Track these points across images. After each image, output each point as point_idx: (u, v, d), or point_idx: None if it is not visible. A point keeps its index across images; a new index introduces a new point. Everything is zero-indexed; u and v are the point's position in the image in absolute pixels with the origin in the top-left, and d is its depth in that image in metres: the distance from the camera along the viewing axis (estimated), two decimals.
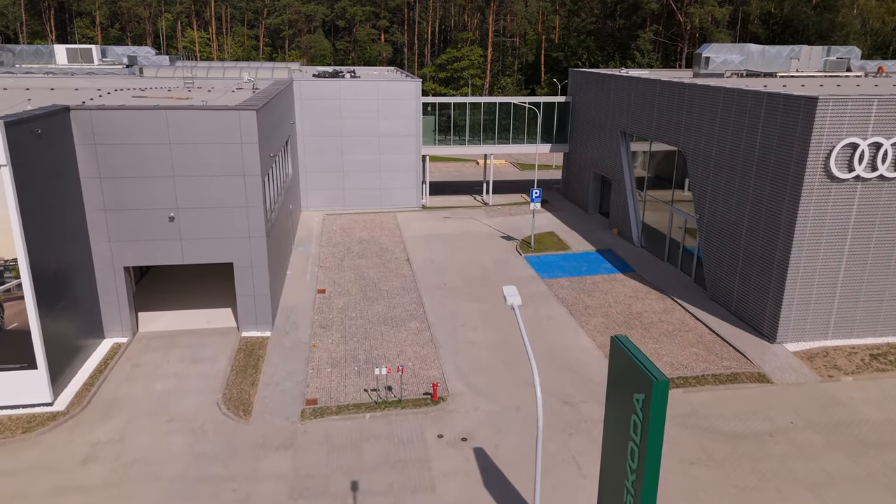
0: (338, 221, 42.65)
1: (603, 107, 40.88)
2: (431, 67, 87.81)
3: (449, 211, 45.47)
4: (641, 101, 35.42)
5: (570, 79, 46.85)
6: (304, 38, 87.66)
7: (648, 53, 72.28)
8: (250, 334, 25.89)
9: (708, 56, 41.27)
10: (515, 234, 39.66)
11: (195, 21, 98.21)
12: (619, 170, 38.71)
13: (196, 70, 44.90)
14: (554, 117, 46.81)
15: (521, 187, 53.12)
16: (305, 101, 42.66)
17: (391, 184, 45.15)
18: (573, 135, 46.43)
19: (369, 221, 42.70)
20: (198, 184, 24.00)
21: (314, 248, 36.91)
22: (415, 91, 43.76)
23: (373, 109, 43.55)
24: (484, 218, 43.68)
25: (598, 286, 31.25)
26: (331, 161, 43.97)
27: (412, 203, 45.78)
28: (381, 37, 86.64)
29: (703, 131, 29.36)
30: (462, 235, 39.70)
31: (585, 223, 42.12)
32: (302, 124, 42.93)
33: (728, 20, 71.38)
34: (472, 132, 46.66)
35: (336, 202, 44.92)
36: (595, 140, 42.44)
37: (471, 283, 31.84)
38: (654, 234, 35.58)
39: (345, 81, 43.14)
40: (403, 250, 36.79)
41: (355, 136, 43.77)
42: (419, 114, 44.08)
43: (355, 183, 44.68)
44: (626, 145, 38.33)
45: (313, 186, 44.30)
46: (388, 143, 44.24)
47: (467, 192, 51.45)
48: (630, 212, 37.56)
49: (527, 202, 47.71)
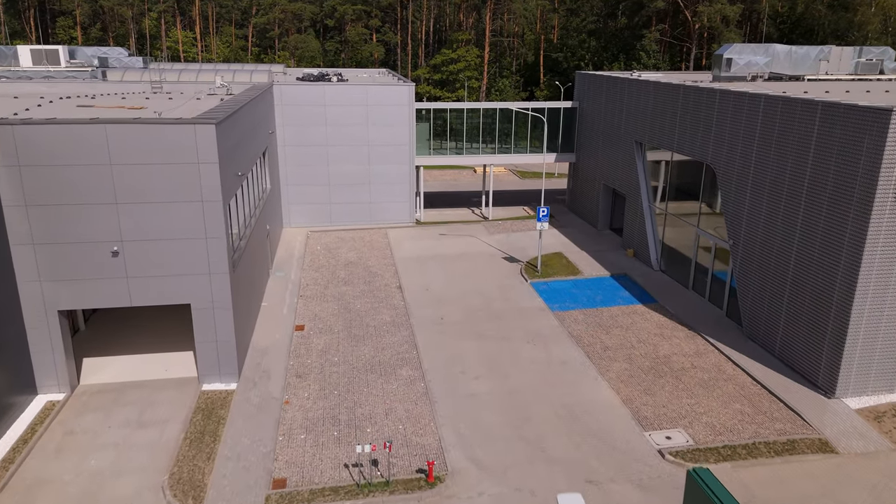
0: (323, 240, 38.70)
1: (615, 113, 37.07)
2: (426, 69, 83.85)
3: (445, 227, 41.58)
4: (661, 108, 31.60)
5: (577, 82, 43.04)
6: (291, 38, 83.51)
7: (654, 54, 68.54)
8: (212, 387, 21.92)
9: (730, 57, 37.51)
10: (519, 255, 35.79)
11: (179, 20, 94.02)
12: (634, 184, 34.89)
13: (168, 73, 40.95)
14: (559, 124, 42.98)
15: (523, 198, 49.28)
16: (287, 108, 38.71)
17: (382, 197, 41.24)
18: (580, 143, 42.62)
19: (358, 240, 38.78)
20: (146, 212, 20.04)
21: (295, 273, 32.96)
22: (407, 96, 39.88)
23: (361, 116, 39.65)
24: (484, 235, 39.81)
25: (616, 320, 27.39)
26: (315, 173, 40.04)
27: (405, 218, 41.89)
28: (372, 37, 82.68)
29: (737, 144, 25.55)
30: (460, 256, 35.81)
31: (595, 242, 38.28)
32: (283, 133, 38.98)
33: (738, 19, 67.73)
34: (471, 141, 42.81)
35: (321, 217, 40.97)
36: (605, 150, 38.63)
37: (471, 316, 27.95)
38: (675, 256, 31.75)
39: (330, 85, 39.22)
40: (395, 275, 32.88)
41: (342, 145, 39.85)
42: (412, 121, 40.20)
43: (342, 196, 40.76)
44: (642, 157, 34.51)
45: (296, 201, 40.34)
46: (378, 153, 40.35)
47: (465, 205, 47.57)
48: (647, 231, 33.71)
49: (530, 216, 43.88)
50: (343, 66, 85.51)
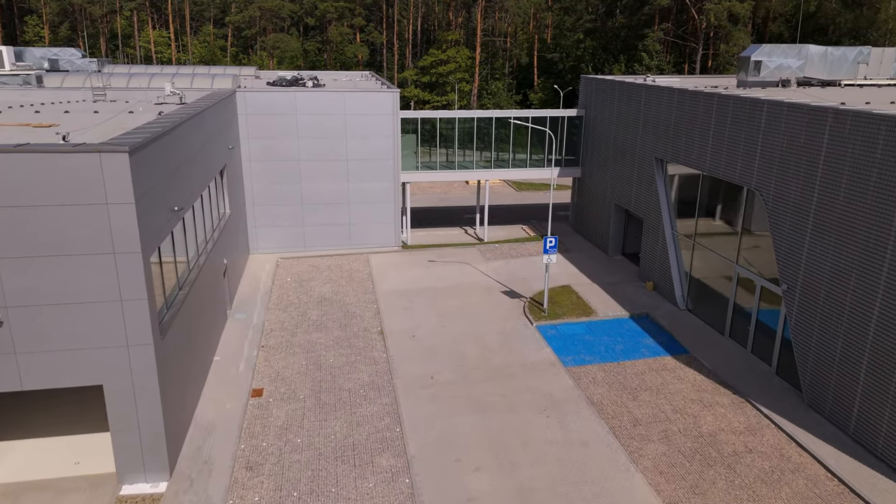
0: (294, 269, 33.71)
1: (629, 125, 32.34)
2: (413, 71, 78.89)
3: (435, 251, 36.70)
4: (688, 120, 26.89)
5: (583, 87, 38.29)
6: (269, 37, 78.26)
7: (658, 55, 64.07)
8: (134, 490, 16.93)
9: (759, 60, 32.89)
10: (521, 288, 30.97)
11: (151, 19, 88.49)
12: (654, 206, 30.17)
13: (116, 78, 35.81)
14: (562, 135, 38.22)
15: (521, 214, 44.50)
16: (252, 117, 33.70)
17: (363, 218, 36.31)
18: (587, 156, 37.87)
19: (335, 268, 33.81)
20: (38, 268, 15.05)
21: (258, 315, 27.97)
22: (391, 104, 34.96)
23: (338, 127, 34.69)
24: (479, 262, 34.96)
25: (643, 380, 22.62)
26: (286, 191, 35.04)
27: (389, 241, 36.98)
28: (356, 36, 77.72)
29: (794, 169, 20.86)
30: (453, 290, 30.95)
31: (607, 271, 33.51)
32: (248, 146, 33.96)
33: (750, 17, 63.37)
34: (463, 154, 37.96)
35: (294, 242, 35.98)
36: (617, 165, 33.90)
37: (468, 375, 23.09)
38: (706, 294, 27.06)
39: (302, 92, 34.23)
40: (376, 315, 27.98)
41: (316, 160, 34.88)
42: (397, 132, 35.31)
43: (318, 218, 35.78)
44: (663, 176, 29.80)
45: (264, 223, 35.33)
46: (358, 169, 35.42)
47: (457, 222, 42.72)
48: (671, 262, 29.00)
49: (531, 238, 39.07)
50: (325, 67, 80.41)
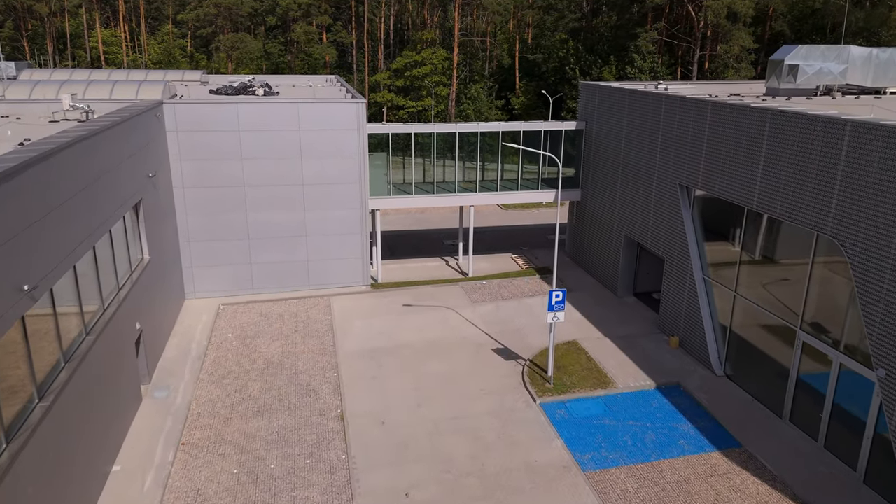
0: (238, 319, 27.58)
1: (643, 142, 26.77)
2: (386, 73, 72.81)
3: (412, 292, 30.79)
4: (729, 141, 21.35)
5: (583, 96, 32.64)
6: (227, 36, 71.60)
7: (651, 56, 58.87)
8: None
9: (795, 64, 27.53)
10: (518, 345, 25.20)
11: (98, 17, 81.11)
12: (679, 244, 24.62)
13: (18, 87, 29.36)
14: (558, 151, 32.56)
15: (509, 239, 38.77)
16: (185, 135, 27.49)
17: (324, 253, 30.29)
18: (588, 177, 32.24)
19: (288, 318, 27.75)
20: None
21: (184, 391, 21.81)
22: (356, 116, 28.99)
23: (292, 145, 28.64)
24: (464, 305, 29.14)
25: (690, 494, 16.96)
26: (229, 223, 28.89)
27: (356, 279, 31.00)
28: (322, 36, 71.49)
29: (893, 215, 15.37)
30: (433, 347, 25.09)
31: (619, 318, 27.87)
32: (179, 170, 27.76)
33: (752, 16, 58.38)
34: (443, 174, 32.12)
35: (240, 283, 29.82)
36: (629, 190, 28.31)
37: (456, 489, 17.23)
38: (754, 358, 21.53)
39: (246, 103, 28.09)
40: (335, 389, 22.01)
41: (266, 185, 28.79)
42: (363, 149, 29.36)
43: (268, 254, 29.68)
44: (691, 208, 24.24)
45: (203, 262, 29.12)
46: (317, 195, 29.40)
47: (436, 252, 36.85)
48: (702, 315, 23.44)
49: (523, 272, 33.33)
50: (290, 70, 73.92)
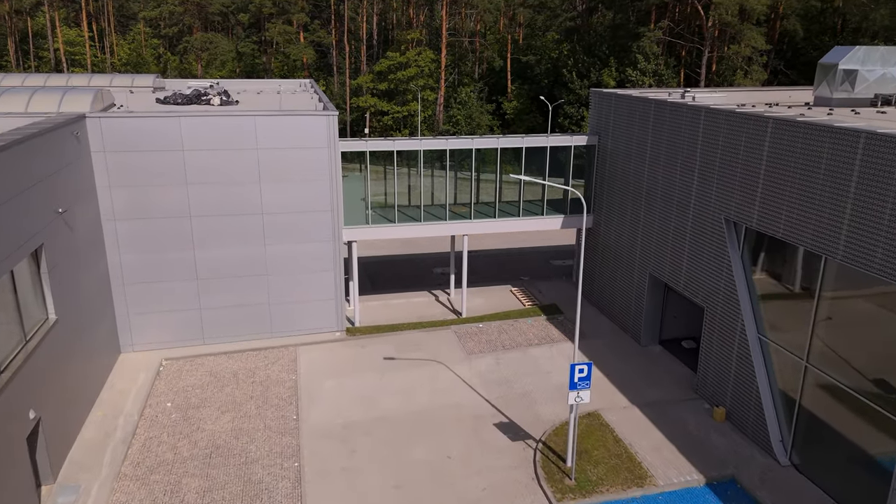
0: (182, 381, 22.53)
1: (675, 164, 22.02)
2: (369, 76, 67.76)
3: (395, 339, 25.89)
4: (796, 172, 16.64)
5: (594, 106, 27.87)
6: (196, 36, 66.14)
7: (655, 58, 54.33)
8: None
9: (852, 69, 22.93)
10: (525, 417, 20.35)
11: (58, 15, 75.27)
12: (725, 293, 19.89)
13: None
14: (565, 169, 27.79)
15: (507, 265, 33.94)
16: (114, 156, 22.42)
17: (289, 295, 25.32)
18: (602, 202, 27.47)
19: (244, 378, 22.75)
20: None
21: (97, 493, 16.75)
22: (326, 131, 24.05)
23: (249, 166, 23.65)
24: (458, 358, 24.28)
25: None
26: (172, 261, 23.83)
27: (329, 324, 26.08)
28: (299, 36, 66.37)
29: None
30: (420, 422, 20.20)
31: (646, 375, 23.08)
32: (109, 199, 22.68)
33: (767, 14, 53.99)
34: (431, 198, 27.27)
35: (187, 333, 24.76)
36: (655, 221, 23.58)
37: None
38: (836, 446, 16.81)
39: (190, 117, 23.02)
40: (293, 490, 17.06)
41: (217, 215, 23.78)
42: (336, 170, 24.45)
43: (221, 297, 24.65)
44: (741, 249, 19.50)
45: (142, 308, 24.04)
46: (279, 225, 24.43)
47: (424, 283, 31.94)
48: (759, 384, 18.70)
49: (527, 311, 28.49)
50: (263, 74, 68.54)
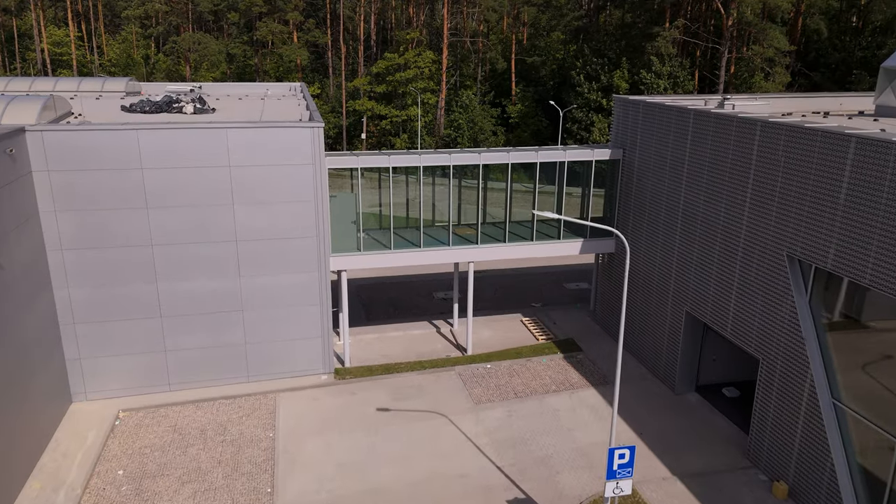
0: (140, 440, 19.19)
1: (720, 186, 18.68)
2: (366, 78, 64.46)
3: (390, 383, 22.54)
4: (889, 205, 13.31)
5: (618, 115, 24.51)
6: (183, 36, 62.76)
7: (671, 59, 51.00)
8: None
9: None
10: (546, 494, 16.98)
11: (42, 15, 71.89)
12: (788, 346, 16.55)
13: None
14: (585, 187, 24.49)
15: (517, 287, 30.59)
16: (60, 176, 19.09)
17: (268, 333, 21.98)
18: (626, 224, 24.12)
19: (212, 436, 19.41)
20: None
21: None
22: (310, 145, 20.71)
23: (220, 186, 20.32)
24: (463, 409, 20.94)
25: None
26: (131, 296, 20.49)
27: (315, 366, 22.75)
28: (293, 36, 63.09)
29: None
30: (420, 497, 16.84)
31: (683, 434, 19.69)
32: (54, 225, 19.36)
33: (792, 12, 50.64)
34: (432, 219, 23.95)
35: (150, 378, 21.42)
36: (694, 252, 20.23)
37: None
38: None
39: (150, 130, 19.66)
40: None
41: (183, 242, 20.44)
42: (322, 190, 21.13)
43: (190, 337, 21.31)
44: (809, 294, 16.15)
45: (95, 351, 20.70)
46: (256, 254, 21.09)
47: (425, 312, 28.61)
48: (835, 460, 15.35)
49: (541, 347, 25.14)
50: (253, 77, 65.10)
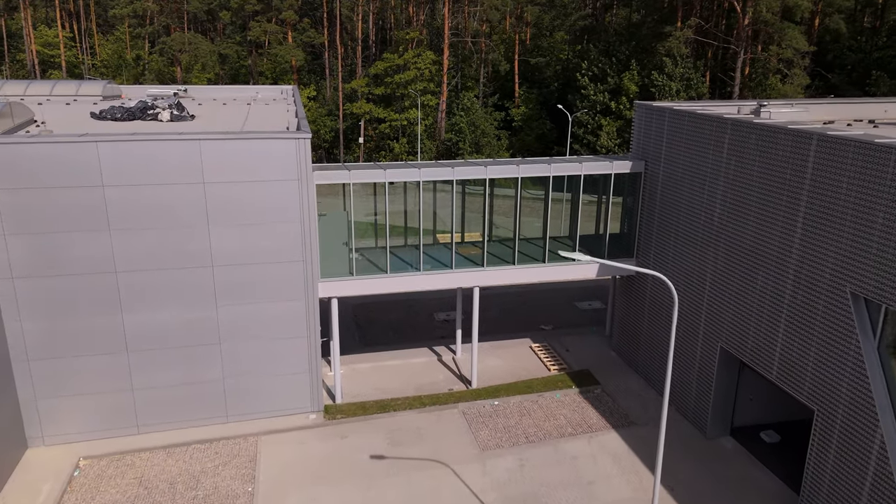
0: (101, 496, 16.78)
1: (765, 207, 16.29)
2: (364, 80, 62.06)
3: (386, 425, 20.14)
4: None
5: (639, 123, 22.06)
6: (173, 36, 60.17)
7: (684, 60, 48.59)
8: None
9: None
10: None
11: (30, 14, 69.51)
12: (854, 395, 14.15)
13: None
14: (602, 202, 22.11)
15: (524, 306, 28.14)
16: (9, 195, 16.70)
17: (249, 368, 19.58)
18: (649, 245, 21.68)
19: (183, 490, 17.00)
20: None
21: None
22: (295, 158, 18.31)
23: (193, 205, 17.93)
24: (468, 456, 18.53)
25: None
26: (93, 329, 18.09)
27: (301, 404, 20.37)
28: (287, 36, 60.68)
29: None
30: None
31: (720, 490, 17.24)
32: (3, 249, 16.97)
33: (814, 10, 48.12)
34: (432, 239, 21.57)
35: (116, 419, 19.03)
36: (732, 282, 17.82)
37: None
38: None
39: (111, 142, 17.23)
40: None
41: (151, 268, 18.05)
42: (310, 208, 18.74)
43: (161, 374, 18.92)
44: (877, 338, 13.74)
45: (52, 391, 18.30)
46: (236, 281, 18.70)
47: (424, 336, 26.20)
48: None
49: (554, 380, 22.72)
50: (246, 79, 62.58)
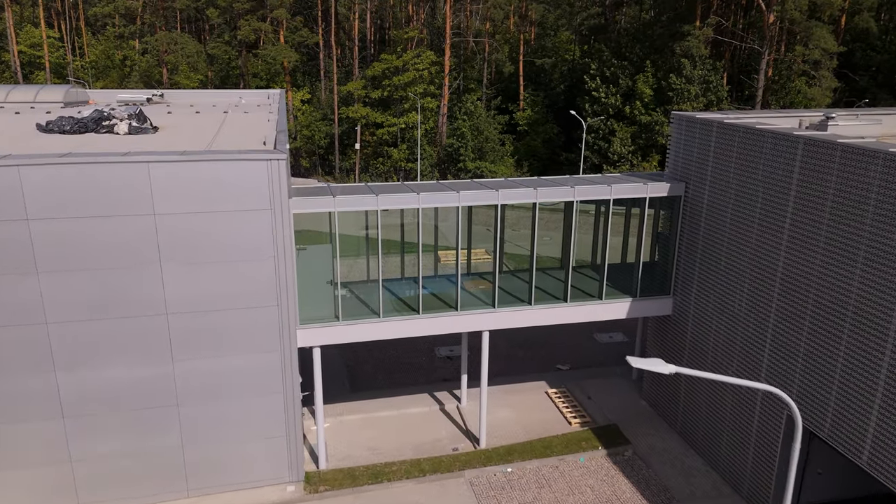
0: None
1: (844, 244, 13.02)
2: (360, 82, 58.80)
3: (377, 499, 16.85)
4: None
5: (677, 137, 18.75)
6: (158, 35, 56.83)
7: (704, 61, 45.28)
8: None
9: None
10: None
11: (11, 13, 66.25)
12: None
13: None
14: (630, 230, 18.85)
15: (535, 339, 24.83)
16: None
17: (214, 434, 16.32)
18: (690, 280, 18.38)
19: None
20: None
21: None
22: (267, 184, 15.04)
23: (141, 241, 14.66)
24: None
25: None
26: (19, 392, 14.82)
27: (278, 473, 17.10)
28: (280, 36, 57.50)
29: None
30: None
31: None
32: None
33: (842, 9, 44.90)
34: (434, 276, 18.32)
35: (51, 498, 15.77)
36: (801, 332, 14.54)
37: None
38: None
39: (31, 166, 13.96)
40: None
41: (92, 318, 14.77)
42: (286, 242, 15.47)
43: (108, 441, 15.68)
44: None
45: None
46: (197, 330, 15.42)
47: (424, 376, 22.91)
48: None
49: (576, 436, 19.45)
50: (237, 82, 59.27)
